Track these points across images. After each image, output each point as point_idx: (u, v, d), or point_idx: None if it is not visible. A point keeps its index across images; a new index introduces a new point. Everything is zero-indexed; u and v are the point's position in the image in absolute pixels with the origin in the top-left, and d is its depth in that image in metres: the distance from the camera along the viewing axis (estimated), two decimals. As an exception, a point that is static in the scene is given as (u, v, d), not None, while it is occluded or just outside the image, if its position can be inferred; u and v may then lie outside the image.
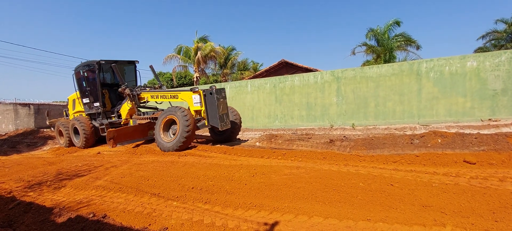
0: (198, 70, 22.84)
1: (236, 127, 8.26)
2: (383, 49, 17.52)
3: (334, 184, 3.60)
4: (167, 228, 2.77)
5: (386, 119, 9.36)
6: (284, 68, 17.39)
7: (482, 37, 21.36)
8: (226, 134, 8.14)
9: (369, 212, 2.82)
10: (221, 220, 2.85)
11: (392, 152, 5.41)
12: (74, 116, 10.51)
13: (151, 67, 9.78)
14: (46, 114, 12.66)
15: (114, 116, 9.52)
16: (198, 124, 7.17)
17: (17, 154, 10.70)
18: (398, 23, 17.03)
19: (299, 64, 17.07)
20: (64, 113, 11.87)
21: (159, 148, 7.15)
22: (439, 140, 5.77)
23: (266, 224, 2.72)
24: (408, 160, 4.58)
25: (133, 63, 10.06)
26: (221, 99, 6.98)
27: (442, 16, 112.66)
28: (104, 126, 9.20)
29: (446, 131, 6.53)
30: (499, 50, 13.69)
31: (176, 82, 27.73)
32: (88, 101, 9.65)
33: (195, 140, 8.60)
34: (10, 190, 4.56)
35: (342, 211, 2.88)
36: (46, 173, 5.60)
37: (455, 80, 8.44)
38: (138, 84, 9.84)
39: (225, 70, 25.32)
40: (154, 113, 8.58)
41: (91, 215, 3.11)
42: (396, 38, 17.34)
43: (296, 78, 11.05)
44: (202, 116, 7.21)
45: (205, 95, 7.02)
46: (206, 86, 7.84)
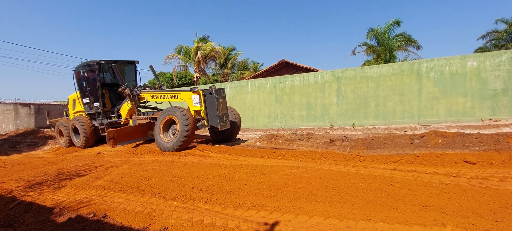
0: (199, 70, 22.84)
1: (235, 126, 8.26)
2: (384, 49, 17.50)
3: (334, 184, 3.60)
4: (168, 228, 2.78)
5: (387, 118, 9.36)
6: (284, 68, 17.39)
7: (483, 37, 21.34)
8: (226, 134, 8.14)
9: (369, 212, 2.81)
10: (221, 220, 2.85)
11: (392, 152, 5.41)
12: (74, 115, 10.52)
13: (151, 68, 9.79)
14: (46, 114, 12.69)
15: (114, 115, 9.52)
16: (197, 124, 7.17)
17: (17, 154, 10.71)
18: (398, 23, 17.01)
19: (299, 64, 17.07)
20: (64, 113, 11.88)
21: (159, 148, 7.15)
22: (440, 140, 5.77)
23: (266, 224, 2.72)
24: (408, 160, 4.58)
25: (133, 63, 10.08)
26: (220, 100, 6.98)
27: (442, 16, 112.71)
28: (104, 126, 9.21)
29: (447, 131, 6.52)
30: (500, 50, 13.68)
31: (176, 82, 27.73)
32: (88, 101, 9.66)
33: (195, 140, 8.60)
34: (11, 190, 4.57)
35: (342, 211, 2.88)
36: (46, 173, 5.60)
37: (456, 80, 8.43)
38: (138, 84, 9.85)
39: (225, 70, 25.31)
40: (154, 113, 8.58)
41: (92, 214, 3.11)
42: (396, 38, 17.32)
43: (296, 78, 11.05)
44: (202, 116, 7.20)
45: (204, 96, 7.02)
46: (206, 86, 7.84)
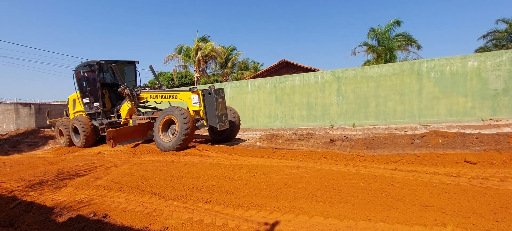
0: (199, 70, 22.84)
1: (235, 126, 8.28)
2: (384, 49, 17.48)
3: (335, 184, 3.60)
4: (168, 227, 2.78)
5: (387, 118, 9.35)
6: (284, 68, 17.38)
7: (483, 37, 21.27)
8: (225, 134, 8.15)
9: (369, 212, 2.81)
10: (221, 220, 2.85)
11: (392, 152, 5.40)
12: (74, 115, 10.53)
13: (151, 68, 9.81)
14: (47, 114, 12.70)
15: (114, 115, 9.54)
16: (197, 124, 7.18)
17: (18, 154, 10.73)
18: (398, 23, 16.99)
19: (300, 64, 17.06)
20: (64, 113, 11.89)
21: (159, 148, 7.16)
22: (440, 140, 5.76)
23: (266, 224, 2.72)
24: (408, 160, 4.58)
25: (133, 64, 10.09)
26: (219, 100, 7.00)
27: (442, 16, 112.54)
28: (104, 126, 9.22)
29: (447, 130, 6.52)
30: (500, 50, 13.66)
31: (177, 82, 27.74)
32: (88, 101, 9.67)
33: (195, 140, 8.60)
34: (11, 190, 4.57)
35: (342, 211, 2.88)
36: (47, 173, 5.61)
37: (456, 80, 8.42)
38: (138, 84, 9.86)
39: (225, 70, 25.30)
40: (153, 113, 8.59)
41: (92, 214, 3.11)
42: (396, 38, 17.30)
43: (296, 78, 11.04)
44: (201, 115, 7.22)
45: (204, 96, 7.05)
46: (206, 86, 7.85)
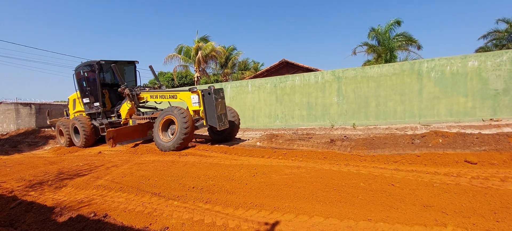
0: (199, 70, 22.83)
1: (234, 126, 8.30)
2: (384, 49, 17.47)
3: (335, 183, 3.60)
4: (168, 227, 2.78)
5: (387, 118, 9.35)
6: (284, 68, 17.38)
7: (484, 37, 21.23)
8: (225, 134, 8.17)
9: (370, 212, 2.81)
10: (221, 220, 2.85)
11: (393, 152, 5.40)
12: (74, 115, 10.54)
13: (151, 68, 9.83)
14: (47, 114, 12.71)
15: (114, 115, 9.55)
16: (196, 124, 7.20)
17: (18, 154, 10.73)
18: (399, 23, 16.98)
19: (300, 64, 17.05)
20: (64, 113, 11.90)
21: (158, 148, 7.17)
22: (440, 140, 5.76)
23: (266, 223, 2.72)
24: (409, 160, 4.58)
25: (133, 64, 10.10)
26: (219, 100, 7.02)
27: (443, 16, 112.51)
28: (104, 126, 9.23)
29: (447, 130, 6.51)
30: (501, 50, 13.64)
31: (177, 82, 27.74)
32: (88, 101, 9.67)
33: (194, 140, 8.61)
34: (12, 190, 4.57)
35: (343, 211, 2.88)
36: (47, 173, 5.61)
37: (456, 80, 8.41)
38: (138, 84, 9.87)
39: (226, 70, 25.30)
40: (153, 113, 8.60)
41: (92, 214, 3.11)
42: (397, 37, 17.29)
43: (296, 78, 11.04)
44: (201, 115, 7.24)
45: (203, 96, 7.07)
46: (205, 86, 7.86)
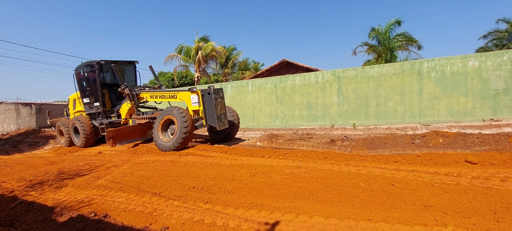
0: (199, 70, 22.83)
1: (234, 126, 8.31)
2: (384, 48, 17.46)
3: (335, 183, 3.59)
4: (168, 227, 2.78)
5: (387, 118, 9.34)
6: (285, 68, 17.37)
7: (484, 36, 21.18)
8: (225, 133, 8.18)
9: (370, 212, 2.81)
10: (222, 220, 2.85)
11: (393, 152, 5.40)
12: (74, 115, 10.55)
13: (151, 68, 9.84)
14: (47, 114, 12.73)
15: (114, 115, 9.55)
16: (196, 124, 7.22)
17: (18, 153, 10.74)
18: (399, 23, 16.96)
19: (300, 64, 17.04)
20: (65, 113, 11.91)
21: (158, 148, 7.18)
22: (441, 140, 5.75)
23: (267, 223, 2.72)
24: (409, 160, 4.58)
25: (133, 64, 10.11)
26: (219, 99, 7.04)
27: (443, 16, 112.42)
28: (104, 126, 9.24)
29: (448, 130, 6.51)
30: (501, 49, 13.63)
31: (177, 82, 27.75)
32: (88, 101, 9.68)
33: (194, 140, 8.62)
34: (12, 189, 4.58)
35: (343, 211, 2.88)
36: (47, 172, 5.62)
37: (457, 80, 8.40)
38: (138, 84, 9.88)
39: (226, 70, 25.30)
40: (153, 113, 8.61)
41: (92, 214, 3.12)
42: (397, 37, 17.27)
43: (297, 78, 11.03)
44: (200, 115, 7.26)
45: (203, 96, 7.09)
46: (205, 86, 7.87)
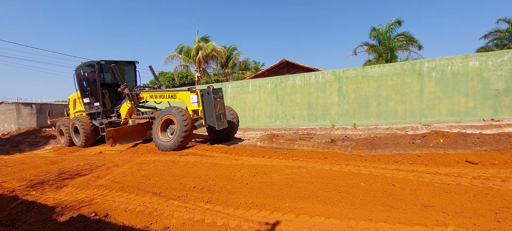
0: (200, 70, 22.83)
1: (233, 126, 8.33)
2: (385, 48, 17.44)
3: (336, 184, 3.59)
4: (169, 227, 2.78)
5: (388, 118, 9.33)
6: (285, 68, 17.37)
7: (485, 36, 21.15)
8: (224, 133, 8.20)
9: (370, 212, 2.81)
10: (222, 220, 2.85)
11: (393, 152, 5.39)
12: (75, 115, 10.56)
13: (151, 68, 9.86)
14: (48, 114, 12.75)
15: (114, 115, 9.57)
16: (195, 123, 7.24)
17: (19, 153, 10.76)
18: (399, 23, 16.94)
19: (301, 64, 17.03)
20: (65, 113, 11.94)
21: (158, 148, 7.19)
22: (441, 140, 5.75)
23: (267, 223, 2.72)
24: (409, 160, 4.57)
25: (132, 64, 10.13)
26: (218, 99, 7.07)
27: (443, 16, 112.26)
28: (104, 126, 9.26)
29: (448, 130, 6.50)
30: (502, 49, 13.62)
31: (178, 82, 27.77)
32: (88, 101, 9.70)
33: (194, 139, 8.62)
34: (13, 189, 4.58)
35: (343, 211, 2.87)
36: (48, 172, 5.62)
37: (457, 80, 8.39)
38: (138, 84, 9.89)
39: (226, 70, 25.30)
40: (153, 113, 8.63)
41: (93, 214, 3.12)
42: (397, 37, 17.25)
43: (297, 78, 11.03)
44: (200, 115, 7.28)
45: (202, 95, 7.12)
46: (205, 86, 7.88)
